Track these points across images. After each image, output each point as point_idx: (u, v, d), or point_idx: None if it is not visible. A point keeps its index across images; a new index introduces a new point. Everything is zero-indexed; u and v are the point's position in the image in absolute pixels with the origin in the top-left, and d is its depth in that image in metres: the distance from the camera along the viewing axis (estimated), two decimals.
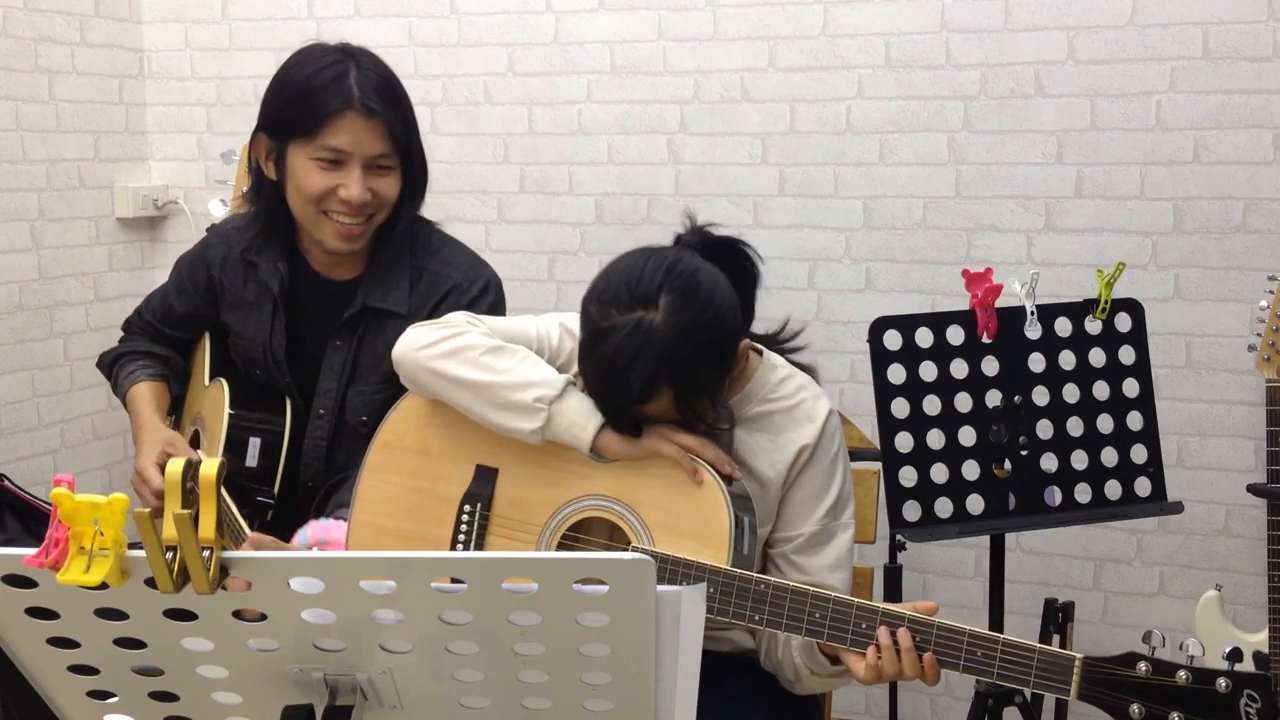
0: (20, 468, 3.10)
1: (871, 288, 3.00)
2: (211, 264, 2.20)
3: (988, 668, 1.50)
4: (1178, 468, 2.77)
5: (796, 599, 1.59)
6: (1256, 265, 2.68)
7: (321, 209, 2.01)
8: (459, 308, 2.02)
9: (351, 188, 1.98)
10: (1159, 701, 1.42)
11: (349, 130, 1.97)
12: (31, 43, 3.17)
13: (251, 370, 2.19)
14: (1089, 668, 1.45)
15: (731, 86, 3.05)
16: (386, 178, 2.03)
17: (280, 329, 2.14)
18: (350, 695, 1.14)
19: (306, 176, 1.99)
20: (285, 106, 2.02)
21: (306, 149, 1.99)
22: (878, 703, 3.06)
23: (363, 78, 2.00)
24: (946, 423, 2.06)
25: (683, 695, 1.11)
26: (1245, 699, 1.39)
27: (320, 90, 1.98)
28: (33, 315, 3.21)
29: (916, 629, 1.54)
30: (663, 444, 1.67)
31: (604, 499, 1.72)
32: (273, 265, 2.12)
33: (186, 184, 3.55)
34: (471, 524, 1.77)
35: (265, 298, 2.14)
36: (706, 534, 1.65)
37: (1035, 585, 2.89)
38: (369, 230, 2.05)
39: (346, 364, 2.10)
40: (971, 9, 2.85)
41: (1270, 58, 2.66)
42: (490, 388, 1.72)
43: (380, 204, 2.03)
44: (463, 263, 2.13)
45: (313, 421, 2.13)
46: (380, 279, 2.09)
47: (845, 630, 1.57)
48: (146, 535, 0.99)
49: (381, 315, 2.08)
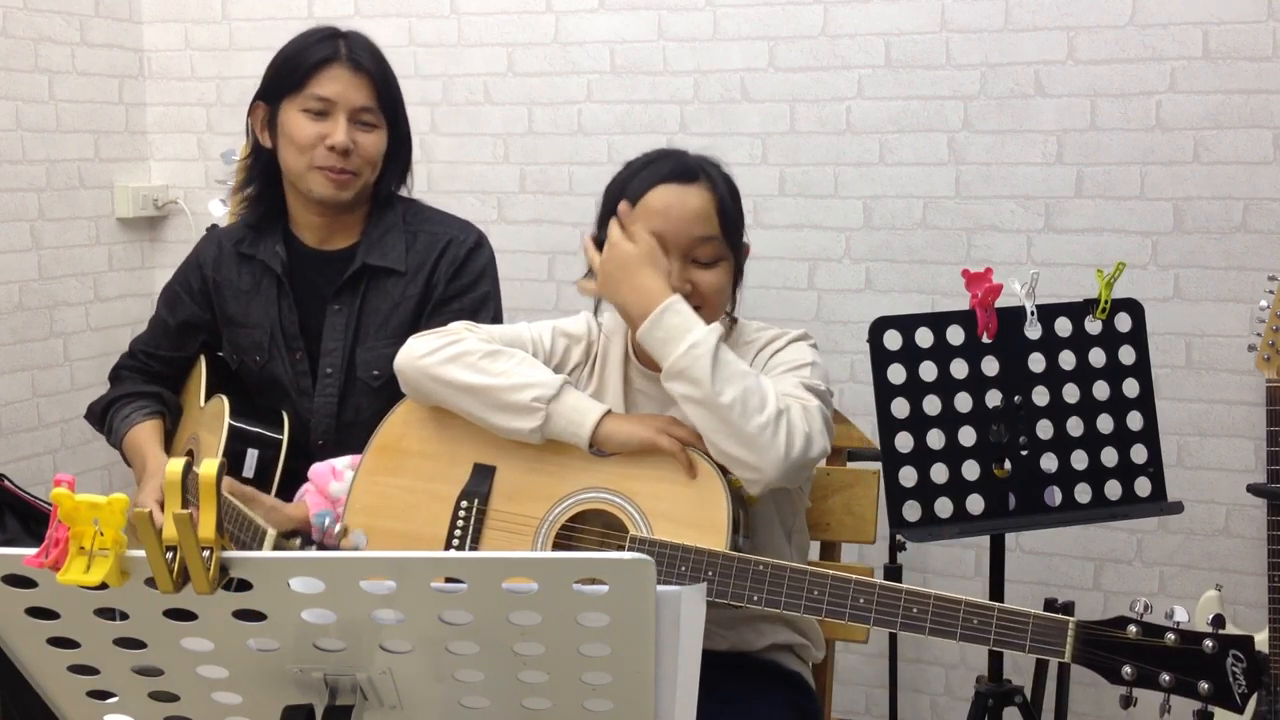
0: (20, 468, 3.10)
1: (871, 288, 3.00)
2: (204, 265, 2.29)
3: (984, 634, 1.53)
4: (1178, 468, 2.77)
5: (795, 577, 1.61)
6: (1256, 265, 2.68)
7: (312, 163, 2.13)
8: (457, 260, 2.21)
9: (337, 134, 2.10)
10: (1149, 662, 1.48)
11: (335, 80, 2.12)
12: (31, 43, 3.17)
13: (252, 359, 2.24)
14: (1082, 630, 1.50)
15: (731, 86, 3.05)
16: (371, 133, 2.16)
17: (289, 306, 2.22)
18: (350, 695, 1.14)
19: (297, 129, 2.12)
20: (277, 70, 2.17)
21: (296, 101, 2.13)
22: (877, 702, 3.07)
23: (351, 42, 2.17)
24: (946, 423, 2.06)
25: (683, 695, 1.11)
26: (1231, 658, 1.45)
27: (309, 48, 2.15)
28: (33, 315, 3.21)
29: (913, 600, 1.56)
30: (660, 437, 1.71)
31: (602, 490, 1.74)
32: (271, 249, 2.23)
33: (186, 184, 3.55)
34: (468, 520, 1.78)
35: (267, 279, 2.23)
36: (705, 521, 1.67)
37: (1035, 585, 2.89)
38: (356, 185, 2.16)
39: (350, 323, 2.20)
40: (971, 9, 2.85)
41: (1270, 58, 2.66)
42: (489, 390, 1.76)
43: (365, 159, 2.15)
44: (454, 222, 2.29)
45: (320, 380, 2.21)
46: (377, 242, 2.21)
47: (844, 606, 1.59)
48: (146, 535, 0.99)
49: (381, 274, 2.20)
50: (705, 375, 1.65)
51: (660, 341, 1.70)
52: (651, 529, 1.70)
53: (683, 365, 1.67)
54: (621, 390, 1.87)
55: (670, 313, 1.70)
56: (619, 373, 1.88)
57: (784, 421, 1.65)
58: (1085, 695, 2.86)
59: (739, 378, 1.66)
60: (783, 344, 1.85)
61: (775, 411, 1.65)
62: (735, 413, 1.64)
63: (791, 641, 1.89)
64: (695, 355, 1.66)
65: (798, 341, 1.86)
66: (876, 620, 1.57)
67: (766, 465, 1.64)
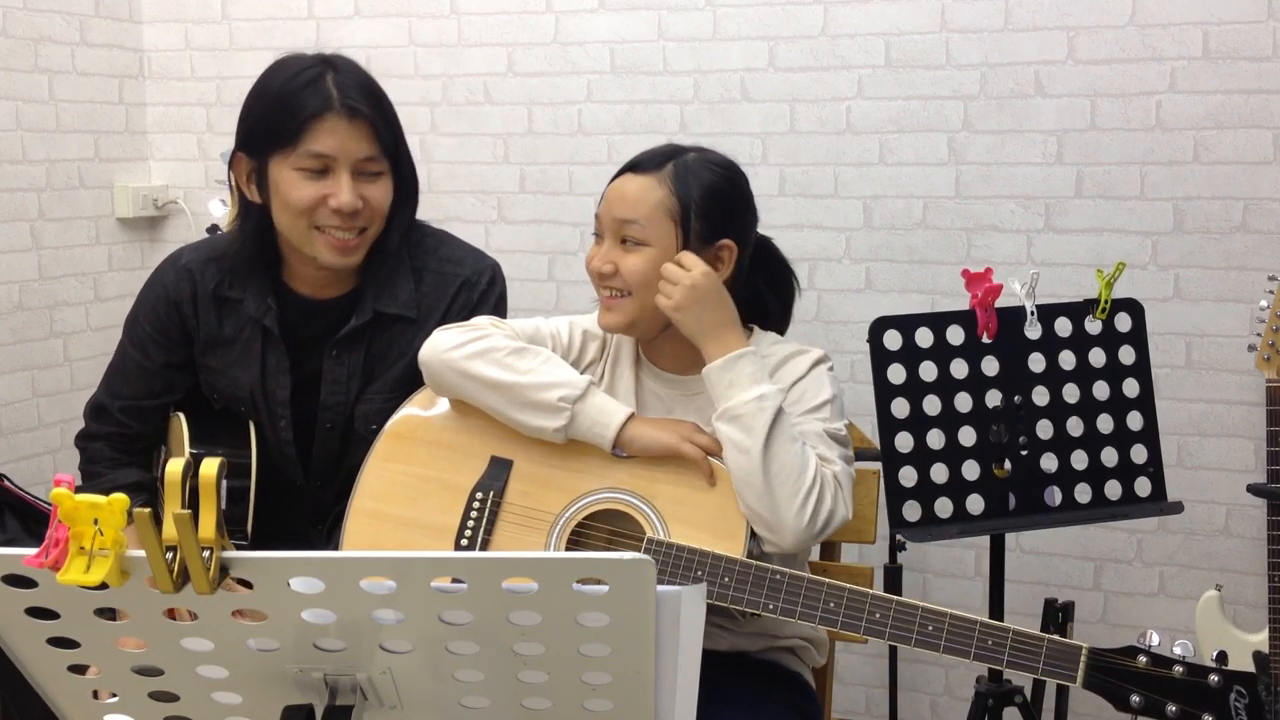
0: (20, 468, 3.10)
1: (871, 288, 3.00)
2: (180, 303, 2.03)
3: (998, 656, 1.55)
4: (1178, 468, 2.77)
5: (812, 588, 1.61)
6: (1256, 265, 2.68)
7: (313, 223, 1.89)
8: (471, 303, 2.01)
9: (342, 194, 1.86)
10: (1157, 692, 1.51)
11: (331, 133, 1.86)
12: (31, 43, 3.17)
13: (236, 408, 2.06)
14: (1093, 657, 1.52)
15: (731, 86, 3.05)
16: (377, 183, 1.92)
17: (278, 366, 2.01)
18: (350, 695, 1.14)
19: (292, 189, 1.87)
20: (260, 119, 1.91)
21: (289, 159, 1.87)
22: (877, 703, 3.06)
23: (341, 79, 1.89)
24: (946, 423, 2.06)
25: (683, 695, 1.11)
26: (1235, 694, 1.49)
27: (295, 95, 1.87)
28: (33, 315, 3.21)
29: (930, 618, 1.56)
30: (683, 444, 1.72)
31: (621, 491, 1.74)
32: (262, 300, 1.99)
33: (186, 184, 3.55)
34: (482, 512, 1.78)
35: (251, 332, 2.01)
36: (724, 529, 1.68)
37: (1035, 585, 2.89)
38: (364, 244, 1.94)
39: (354, 375, 2.01)
40: (971, 9, 2.85)
41: (1270, 58, 2.66)
42: (515, 387, 1.77)
43: (373, 213, 1.92)
44: (464, 256, 2.06)
45: (320, 433, 2.04)
46: (385, 286, 1.99)
47: (859, 619, 1.59)
48: (146, 535, 0.99)
49: (389, 320, 2.00)
50: (762, 432, 1.66)
51: (726, 384, 1.71)
52: (669, 533, 1.70)
53: (743, 412, 1.68)
54: (633, 389, 1.87)
55: (746, 360, 1.72)
56: (630, 372, 1.88)
57: (813, 497, 1.65)
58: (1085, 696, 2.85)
59: (790, 444, 1.67)
60: (803, 369, 1.80)
61: (809, 486, 1.65)
62: (775, 480, 1.65)
63: (793, 643, 1.89)
64: (761, 407, 1.67)
65: (818, 366, 1.81)
66: (892, 635, 1.58)
67: (785, 535, 1.65)
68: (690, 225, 1.77)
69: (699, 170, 1.80)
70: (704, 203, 1.78)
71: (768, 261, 1.94)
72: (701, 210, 1.78)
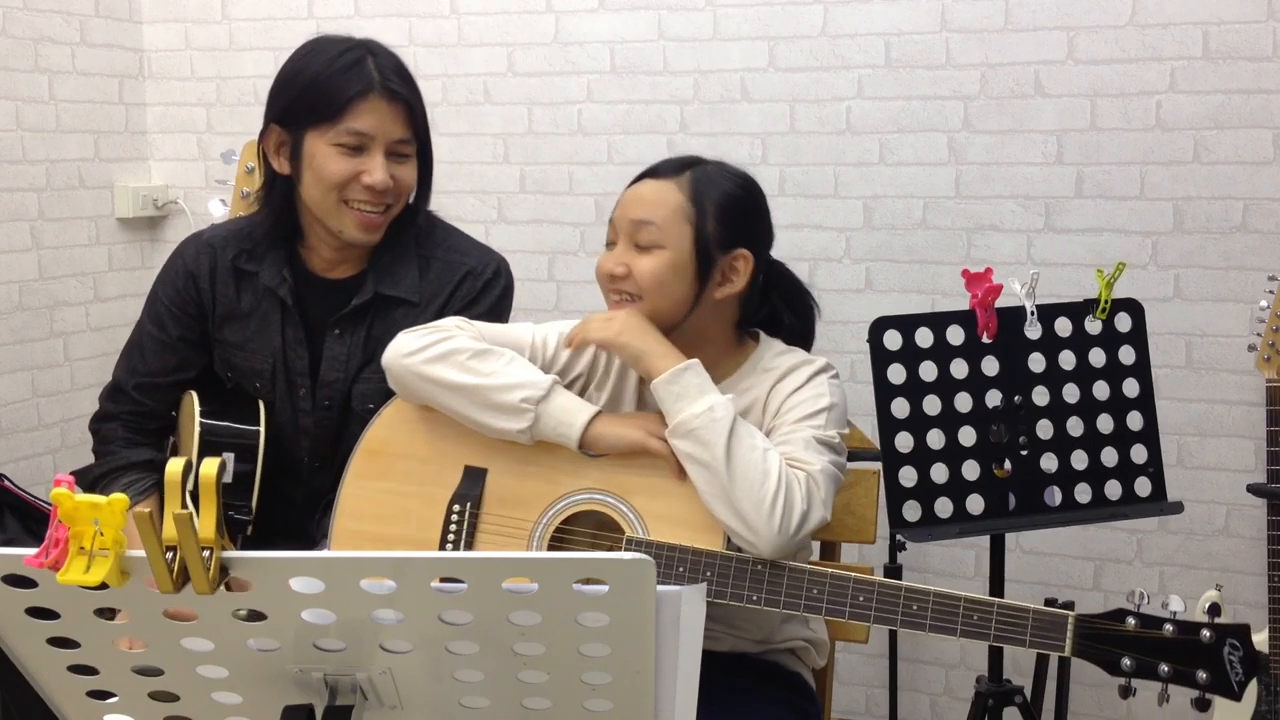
0: (20, 468, 3.10)
1: (871, 288, 3.00)
2: (198, 276, 2.09)
3: (984, 630, 1.55)
4: (1178, 468, 2.77)
5: (794, 576, 1.61)
6: (1256, 265, 2.68)
7: (342, 197, 1.97)
8: (473, 292, 2.07)
9: (375, 172, 1.95)
10: (1148, 653, 1.51)
11: (372, 113, 1.95)
12: (31, 43, 3.17)
13: (251, 385, 2.11)
14: (1081, 624, 1.52)
15: (731, 86, 3.05)
16: (405, 165, 2.02)
17: (296, 338, 2.07)
18: (350, 695, 1.14)
19: (327, 163, 1.96)
20: (301, 94, 1.98)
21: (327, 134, 1.95)
22: (878, 702, 3.07)
23: (381, 63, 1.99)
24: (946, 423, 2.06)
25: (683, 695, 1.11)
26: (1228, 647, 1.49)
27: (340, 75, 1.96)
28: (33, 315, 3.21)
29: (913, 597, 1.56)
30: (649, 440, 1.71)
31: (596, 492, 1.74)
32: (277, 272, 2.06)
33: (186, 184, 3.55)
34: (461, 524, 1.77)
35: (269, 304, 2.07)
36: (701, 522, 1.67)
37: (1035, 585, 2.89)
38: (386, 221, 2.02)
39: (353, 353, 2.06)
40: (971, 9, 2.85)
41: (1270, 58, 2.66)
42: (477, 390, 1.75)
43: (400, 192, 2.01)
44: (472, 249, 2.14)
45: (317, 410, 2.09)
46: (389, 269, 2.06)
47: (843, 604, 1.59)
48: (146, 535, 0.99)
49: (391, 303, 2.06)
50: (720, 445, 1.64)
51: (675, 396, 1.69)
52: (647, 530, 1.70)
53: (695, 426, 1.66)
54: (635, 400, 1.86)
55: (692, 372, 1.70)
56: (634, 378, 1.86)
57: (780, 500, 1.62)
58: (1085, 695, 2.86)
59: (749, 452, 1.65)
60: (802, 380, 1.79)
61: (775, 490, 1.62)
62: (740, 490, 1.62)
63: (793, 644, 1.89)
64: (713, 419, 1.65)
65: (818, 376, 1.80)
66: (877, 618, 1.58)
67: (761, 540, 1.62)
68: (706, 232, 1.77)
69: (718, 179, 1.80)
70: (721, 209, 1.78)
71: (783, 284, 1.93)
72: (718, 216, 1.78)
